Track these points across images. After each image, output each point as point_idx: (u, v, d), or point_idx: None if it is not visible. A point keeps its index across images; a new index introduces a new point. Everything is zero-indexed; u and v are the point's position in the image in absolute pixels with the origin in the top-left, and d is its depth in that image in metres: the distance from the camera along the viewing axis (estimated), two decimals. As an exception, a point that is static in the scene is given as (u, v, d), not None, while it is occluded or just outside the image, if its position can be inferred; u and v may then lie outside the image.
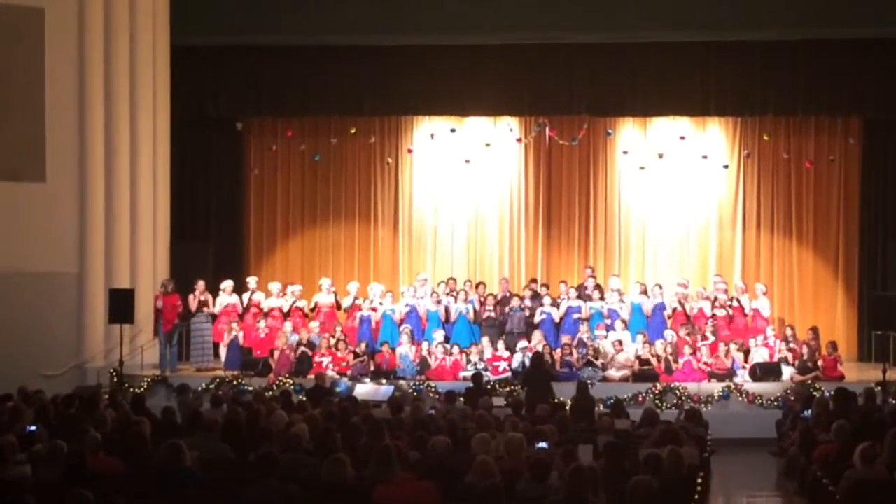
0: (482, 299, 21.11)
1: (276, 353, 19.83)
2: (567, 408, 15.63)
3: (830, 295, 23.08)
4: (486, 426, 12.15)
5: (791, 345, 19.84)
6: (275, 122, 23.83)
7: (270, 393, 17.54)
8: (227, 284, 21.05)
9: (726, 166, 23.13)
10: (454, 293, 21.26)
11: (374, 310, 20.94)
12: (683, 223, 23.35)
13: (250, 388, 18.37)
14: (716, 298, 20.97)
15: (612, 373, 19.30)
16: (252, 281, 21.46)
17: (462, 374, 19.22)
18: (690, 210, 23.32)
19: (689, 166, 23.17)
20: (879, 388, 17.54)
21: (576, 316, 20.66)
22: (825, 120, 22.95)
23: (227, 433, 11.72)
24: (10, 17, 19.97)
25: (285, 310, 20.97)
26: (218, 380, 19.20)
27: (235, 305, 20.89)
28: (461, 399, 15.73)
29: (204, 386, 18.84)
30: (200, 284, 20.71)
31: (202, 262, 22.24)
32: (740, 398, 18.65)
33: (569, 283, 21.57)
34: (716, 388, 18.75)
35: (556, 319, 20.73)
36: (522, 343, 19.89)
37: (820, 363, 19.30)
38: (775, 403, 18.31)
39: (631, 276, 22.83)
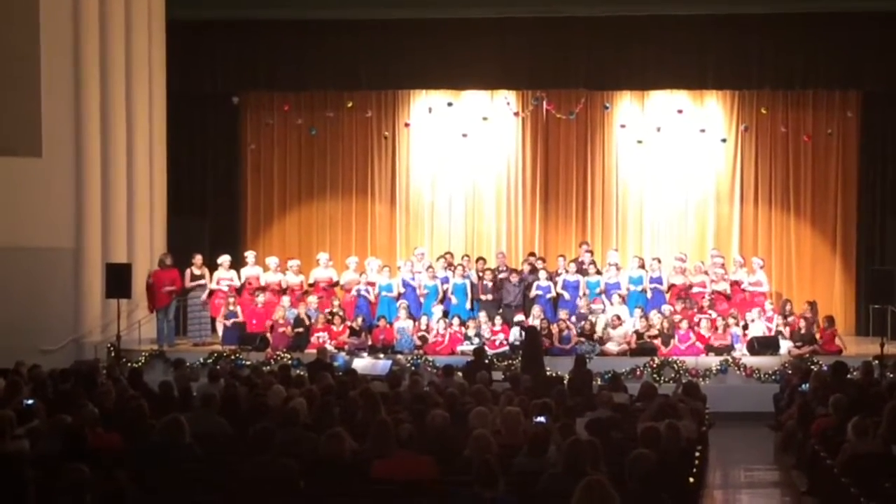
0: (480, 274, 21.07)
1: (274, 328, 19.83)
2: (565, 382, 15.63)
3: (828, 269, 23.07)
4: (483, 400, 12.13)
5: (789, 319, 19.85)
6: (271, 97, 23.75)
7: (268, 368, 17.54)
8: (225, 259, 21.02)
9: (724, 140, 23.09)
10: (452, 267, 21.22)
11: (371, 285, 20.91)
12: (681, 197, 23.30)
13: (248, 363, 18.37)
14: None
15: (610, 347, 19.31)
16: (250, 255, 21.42)
17: (460, 348, 19.22)
18: (688, 184, 23.27)
19: (687, 140, 23.11)
20: (877, 361, 17.55)
21: (570, 292, 20.66)
22: (823, 94, 22.90)
23: (225, 408, 11.72)
24: (5, -8, 19.88)
25: (283, 285, 20.95)
26: (215, 354, 19.19)
27: (232, 280, 20.87)
28: (459, 374, 15.72)
29: (201, 361, 18.83)
30: (197, 259, 20.71)
31: (199, 236, 22.26)
32: (738, 372, 18.67)
33: (567, 258, 21.56)
34: (713, 361, 18.78)
35: (553, 294, 20.70)
36: (519, 317, 19.90)
37: (818, 336, 19.33)
38: (773, 377, 18.32)
39: (629, 251, 22.80)
